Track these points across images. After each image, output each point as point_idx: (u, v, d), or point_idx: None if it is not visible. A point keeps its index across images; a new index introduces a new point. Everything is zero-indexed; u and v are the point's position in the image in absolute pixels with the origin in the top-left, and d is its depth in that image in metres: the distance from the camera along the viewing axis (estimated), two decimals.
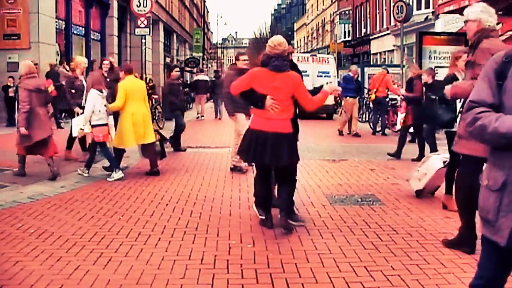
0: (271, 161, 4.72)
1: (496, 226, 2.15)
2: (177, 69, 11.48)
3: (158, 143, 7.97)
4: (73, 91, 8.63)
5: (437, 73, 13.58)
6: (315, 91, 5.02)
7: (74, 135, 8.12)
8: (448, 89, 4.52)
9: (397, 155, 9.49)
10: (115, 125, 7.74)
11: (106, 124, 7.39)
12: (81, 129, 7.53)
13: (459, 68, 5.62)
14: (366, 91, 17.93)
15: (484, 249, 2.31)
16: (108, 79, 9.26)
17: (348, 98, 13.40)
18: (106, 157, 7.53)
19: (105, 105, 7.39)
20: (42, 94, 7.08)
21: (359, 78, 14.96)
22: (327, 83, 5.13)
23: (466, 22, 4.36)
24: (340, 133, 13.58)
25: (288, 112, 4.76)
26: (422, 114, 6.78)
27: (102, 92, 7.39)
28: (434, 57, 13.65)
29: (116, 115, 7.80)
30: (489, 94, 2.17)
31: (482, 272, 2.32)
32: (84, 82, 8.72)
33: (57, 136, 8.14)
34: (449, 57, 13.69)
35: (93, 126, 7.30)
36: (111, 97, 7.79)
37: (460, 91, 4.34)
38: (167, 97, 10.55)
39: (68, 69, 15.26)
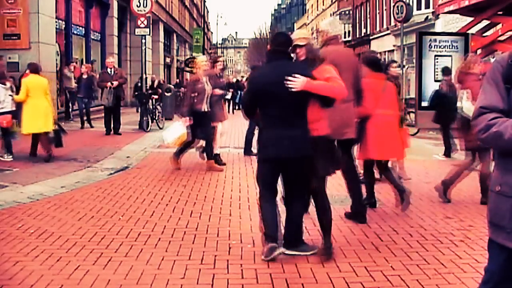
0: None
1: None
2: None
3: (53, 132, 8.70)
4: (193, 94, 7.84)
5: (437, 61, 13.58)
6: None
7: (165, 141, 8.11)
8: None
9: None
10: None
11: (9, 112, 8.36)
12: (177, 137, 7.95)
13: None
14: None
15: (494, 254, 2.24)
16: (221, 79, 8.81)
17: None
18: (5, 141, 8.49)
19: (10, 95, 8.40)
20: None
21: None
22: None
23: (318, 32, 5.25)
24: None
25: None
26: None
27: (5, 84, 8.45)
28: (435, 45, 13.62)
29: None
30: (499, 99, 2.10)
31: (491, 276, 2.26)
32: (206, 85, 7.98)
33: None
34: (449, 45, 13.74)
35: None
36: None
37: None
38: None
39: (72, 70, 15.31)
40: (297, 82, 3.86)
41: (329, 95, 3.95)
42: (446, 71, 10.30)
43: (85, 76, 14.17)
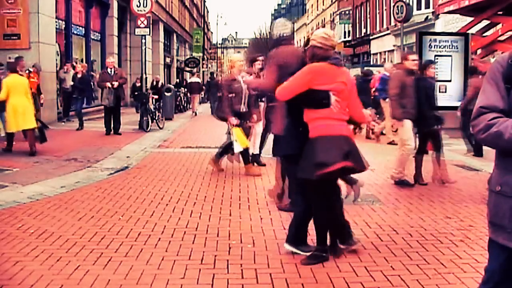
0: (360, 170, 4.12)
1: None
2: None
3: (37, 130, 9.08)
4: (230, 95, 7.47)
5: (437, 61, 13.57)
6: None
7: (235, 150, 7.55)
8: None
9: None
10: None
11: None
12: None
13: None
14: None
15: (494, 254, 2.24)
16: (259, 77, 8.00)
17: (387, 100, 12.28)
18: None
19: None
20: None
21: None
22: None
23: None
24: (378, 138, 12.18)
25: (347, 113, 4.11)
26: None
27: None
28: (435, 45, 13.60)
29: None
30: (499, 99, 2.10)
31: (491, 276, 2.26)
32: (242, 84, 7.48)
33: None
34: (449, 45, 13.71)
35: None
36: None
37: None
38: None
39: (65, 70, 15.29)
40: None
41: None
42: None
43: (79, 76, 14.02)
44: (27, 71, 13.00)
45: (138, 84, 18.65)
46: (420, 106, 6.87)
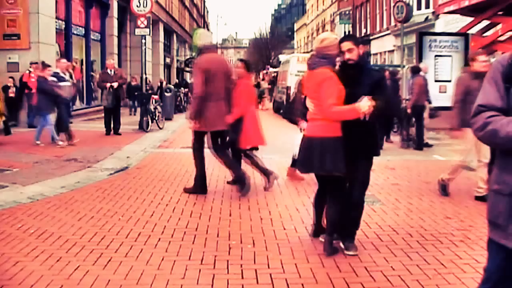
0: (316, 170, 4.16)
1: (507, 231, 2.10)
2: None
3: (3, 123, 9.89)
4: (303, 96, 7.05)
5: (437, 61, 13.57)
6: None
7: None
8: None
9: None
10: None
11: None
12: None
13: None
14: None
15: (492, 253, 2.25)
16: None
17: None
18: None
19: None
20: None
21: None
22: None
23: None
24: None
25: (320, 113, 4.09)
26: None
27: None
28: (435, 46, 13.61)
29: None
30: (498, 98, 2.12)
31: (489, 275, 2.27)
32: None
33: None
34: (449, 46, 13.66)
35: None
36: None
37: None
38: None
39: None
40: None
41: None
42: (381, 70, 10.84)
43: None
44: (27, 71, 13.02)
45: (133, 83, 18.58)
46: None
